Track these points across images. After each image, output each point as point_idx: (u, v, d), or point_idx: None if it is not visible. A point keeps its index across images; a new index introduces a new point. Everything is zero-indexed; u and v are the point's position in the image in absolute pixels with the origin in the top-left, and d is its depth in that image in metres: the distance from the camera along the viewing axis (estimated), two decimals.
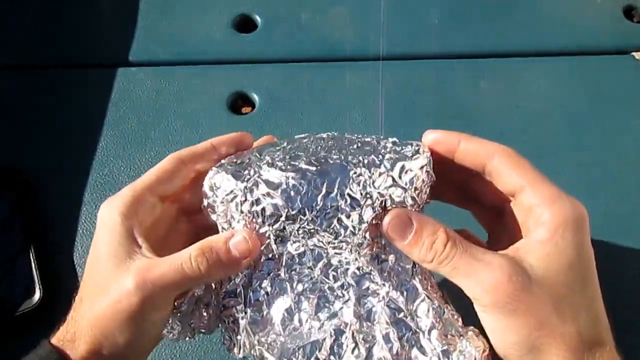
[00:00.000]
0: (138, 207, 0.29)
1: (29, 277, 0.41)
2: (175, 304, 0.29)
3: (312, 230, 0.28)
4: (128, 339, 0.27)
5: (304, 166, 0.28)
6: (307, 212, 0.28)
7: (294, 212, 0.28)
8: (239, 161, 0.31)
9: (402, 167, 0.28)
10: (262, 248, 0.29)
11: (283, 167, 0.28)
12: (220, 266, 0.28)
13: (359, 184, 0.27)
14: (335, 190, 0.28)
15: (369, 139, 0.31)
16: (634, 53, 0.55)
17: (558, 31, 0.56)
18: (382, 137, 0.32)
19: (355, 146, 0.30)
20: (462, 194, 0.33)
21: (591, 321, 0.26)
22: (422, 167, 0.28)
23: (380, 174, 0.28)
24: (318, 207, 0.28)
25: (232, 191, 0.29)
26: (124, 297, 0.26)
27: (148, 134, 0.49)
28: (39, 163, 0.47)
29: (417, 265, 0.29)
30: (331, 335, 0.28)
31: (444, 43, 0.55)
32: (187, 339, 0.30)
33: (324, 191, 0.28)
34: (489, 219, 0.33)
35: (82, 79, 0.52)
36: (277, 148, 0.31)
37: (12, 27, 0.55)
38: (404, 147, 0.30)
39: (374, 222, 0.28)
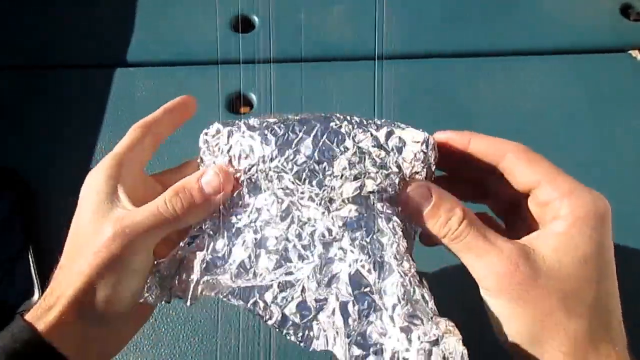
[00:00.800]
0: (120, 169, 0.29)
1: (28, 277, 0.41)
2: (155, 262, 0.28)
3: (284, 176, 0.27)
4: (107, 293, 0.26)
5: (289, 120, 0.28)
6: (279, 156, 0.27)
7: (267, 153, 0.27)
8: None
9: (390, 132, 0.27)
10: (234, 195, 0.29)
11: (267, 119, 0.29)
12: (194, 205, 0.27)
13: (336, 134, 0.26)
14: (311, 137, 0.27)
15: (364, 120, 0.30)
16: (631, 51, 0.55)
17: (556, 30, 0.56)
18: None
19: (347, 120, 0.29)
20: (477, 192, 0.33)
21: (601, 319, 0.26)
22: (415, 141, 0.27)
23: (364, 132, 0.27)
24: (291, 151, 0.27)
25: (217, 130, 0.30)
26: (102, 246, 0.26)
27: None
28: (38, 163, 0.47)
29: (397, 242, 0.27)
30: (279, 286, 0.26)
31: (442, 42, 0.55)
32: (164, 302, 0.29)
33: (300, 136, 0.27)
34: (505, 211, 0.33)
35: (81, 79, 0.52)
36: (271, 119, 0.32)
37: (11, 27, 0.55)
38: (403, 126, 0.29)
39: (348, 177, 0.27)
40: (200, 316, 0.41)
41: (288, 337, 0.26)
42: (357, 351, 0.25)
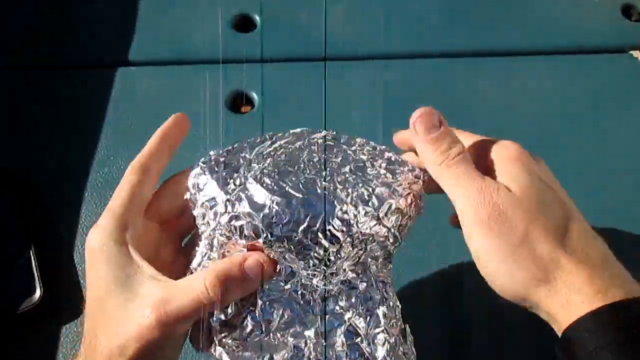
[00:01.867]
0: (124, 229, 0.28)
1: (30, 276, 0.41)
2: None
3: (288, 257, 0.28)
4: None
5: (290, 191, 0.27)
6: (285, 241, 0.27)
7: (272, 239, 0.27)
8: (227, 161, 0.30)
9: (389, 208, 0.28)
10: None
11: (270, 187, 0.28)
12: (237, 291, 0.28)
13: (342, 222, 0.27)
14: (318, 225, 0.27)
15: (364, 157, 0.31)
16: (632, 52, 0.55)
17: (557, 30, 0.56)
18: (378, 151, 0.32)
19: (347, 169, 0.29)
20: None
21: (563, 239, 0.28)
22: (410, 204, 0.29)
23: (366, 213, 0.27)
24: (297, 239, 0.27)
25: (213, 198, 0.28)
26: (145, 332, 0.25)
27: (148, 133, 0.48)
28: (39, 162, 0.47)
29: (384, 299, 0.29)
30: (291, 350, 0.28)
31: (442, 42, 0.55)
32: None
33: (305, 224, 0.27)
34: None
35: (82, 78, 0.52)
36: (267, 151, 0.31)
37: (11, 27, 0.55)
38: (397, 176, 0.30)
39: (351, 256, 0.28)
40: None
41: None
42: None
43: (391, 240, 0.28)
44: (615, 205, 0.46)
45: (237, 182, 0.28)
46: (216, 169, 0.30)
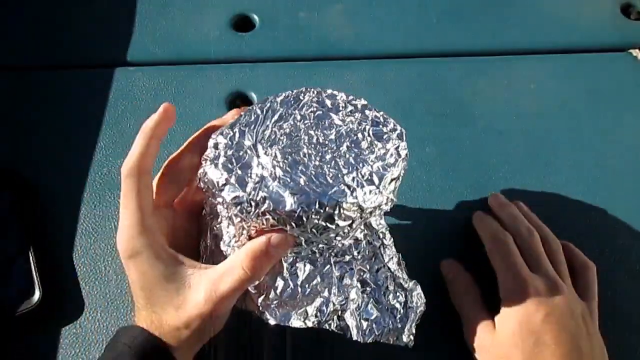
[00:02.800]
0: (149, 230, 0.33)
1: (29, 277, 0.41)
2: None
3: (309, 236, 0.33)
4: (200, 337, 0.33)
5: (306, 187, 0.31)
6: (307, 227, 0.32)
7: (296, 228, 0.32)
8: (236, 154, 0.33)
9: (388, 180, 0.33)
10: None
11: (286, 183, 0.32)
12: (268, 266, 0.33)
13: (353, 204, 0.32)
14: (334, 210, 0.31)
15: (353, 126, 0.35)
16: (631, 50, 0.55)
17: (556, 29, 0.56)
18: (360, 112, 0.36)
19: (345, 147, 0.34)
20: None
21: None
22: (400, 169, 0.33)
23: (370, 192, 0.32)
24: (317, 223, 0.32)
25: (237, 197, 0.31)
26: (203, 311, 0.31)
27: None
28: (38, 163, 0.47)
29: (383, 244, 0.37)
30: (320, 299, 0.35)
31: (442, 41, 0.55)
32: None
33: (323, 212, 0.31)
34: None
35: (80, 79, 0.52)
36: (267, 134, 0.34)
37: (10, 27, 0.55)
38: (385, 143, 0.34)
39: (360, 224, 0.34)
40: None
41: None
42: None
43: (389, 203, 0.33)
44: (616, 204, 0.46)
45: (255, 179, 0.32)
46: (230, 166, 0.32)
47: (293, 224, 0.31)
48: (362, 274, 0.36)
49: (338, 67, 0.53)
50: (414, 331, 0.36)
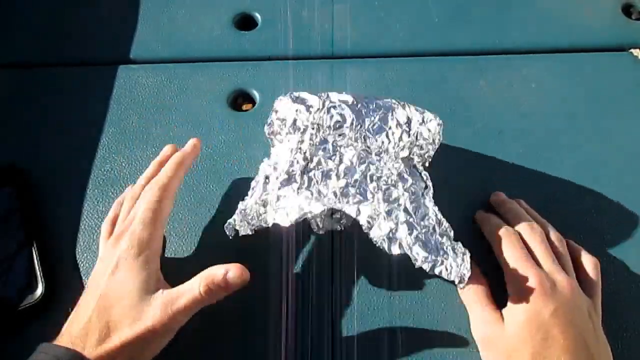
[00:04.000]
0: (147, 247, 0.37)
1: (31, 272, 0.41)
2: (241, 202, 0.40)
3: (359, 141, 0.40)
4: (152, 350, 0.36)
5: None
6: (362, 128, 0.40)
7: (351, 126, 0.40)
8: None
9: (425, 119, 0.42)
10: (321, 148, 0.40)
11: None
12: (222, 294, 0.36)
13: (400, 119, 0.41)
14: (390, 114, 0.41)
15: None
16: (632, 50, 0.55)
17: (557, 28, 0.56)
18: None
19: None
20: None
21: None
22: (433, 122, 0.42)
23: (413, 117, 0.41)
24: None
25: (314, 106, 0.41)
26: (157, 324, 0.34)
27: (149, 131, 0.49)
28: (41, 160, 0.47)
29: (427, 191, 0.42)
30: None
31: (443, 40, 0.55)
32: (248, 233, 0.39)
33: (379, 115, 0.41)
34: None
35: (83, 76, 0.53)
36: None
37: (13, 25, 0.56)
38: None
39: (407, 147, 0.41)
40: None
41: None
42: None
43: (435, 142, 0.43)
44: (616, 204, 0.46)
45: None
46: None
47: (344, 118, 0.40)
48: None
49: (340, 65, 0.53)
50: (465, 271, 0.37)
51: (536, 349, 0.34)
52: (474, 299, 0.39)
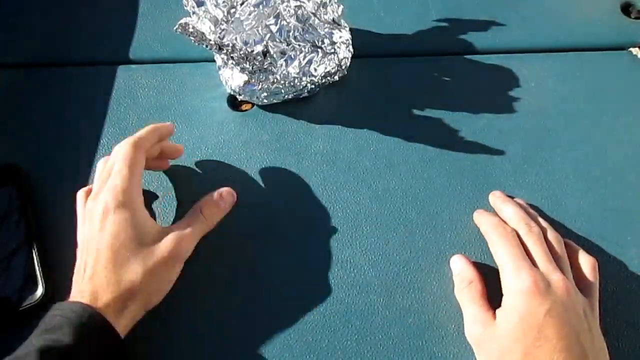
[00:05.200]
0: (130, 198, 0.38)
1: (32, 272, 0.41)
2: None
3: None
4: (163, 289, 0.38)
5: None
6: None
7: None
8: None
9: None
10: None
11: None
12: (221, 214, 0.42)
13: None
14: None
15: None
16: (631, 49, 0.55)
17: (556, 27, 0.56)
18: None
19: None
20: None
21: None
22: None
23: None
24: None
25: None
26: (168, 251, 0.37)
27: None
28: (41, 159, 0.47)
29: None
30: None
31: (443, 40, 0.55)
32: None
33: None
34: None
35: (83, 76, 0.53)
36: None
37: (13, 25, 0.56)
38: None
39: None
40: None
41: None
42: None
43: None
44: (615, 203, 0.46)
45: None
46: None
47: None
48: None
49: None
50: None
51: (529, 349, 0.34)
52: (467, 298, 0.39)
